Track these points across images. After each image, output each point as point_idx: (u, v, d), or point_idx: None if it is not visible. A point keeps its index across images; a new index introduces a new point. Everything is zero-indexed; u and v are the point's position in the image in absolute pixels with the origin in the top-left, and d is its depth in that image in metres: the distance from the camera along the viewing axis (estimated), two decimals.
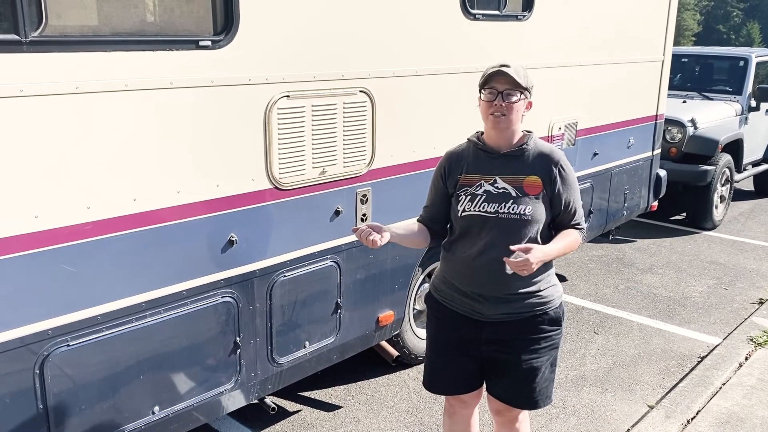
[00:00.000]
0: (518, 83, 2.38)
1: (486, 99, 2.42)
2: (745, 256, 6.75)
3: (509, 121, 2.41)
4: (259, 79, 2.83)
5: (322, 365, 3.52)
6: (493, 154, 2.49)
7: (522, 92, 2.40)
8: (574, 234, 2.51)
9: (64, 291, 2.40)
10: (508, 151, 2.48)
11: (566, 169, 2.49)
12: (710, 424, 3.71)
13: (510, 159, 2.47)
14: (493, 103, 2.40)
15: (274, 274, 3.09)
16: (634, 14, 5.30)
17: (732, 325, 5.08)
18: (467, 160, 2.53)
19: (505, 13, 4.03)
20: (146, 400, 2.73)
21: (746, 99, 8.05)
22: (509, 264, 2.27)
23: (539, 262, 2.30)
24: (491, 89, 2.40)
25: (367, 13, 3.22)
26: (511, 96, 2.38)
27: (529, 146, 2.48)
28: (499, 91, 2.38)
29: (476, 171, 2.50)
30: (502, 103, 2.38)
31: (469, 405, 2.76)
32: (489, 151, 2.50)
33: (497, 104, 2.39)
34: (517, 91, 2.39)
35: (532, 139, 2.51)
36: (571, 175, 2.51)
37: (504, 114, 2.40)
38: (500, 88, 2.38)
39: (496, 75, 2.39)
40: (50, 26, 2.25)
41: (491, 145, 2.50)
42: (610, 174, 5.40)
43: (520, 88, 2.39)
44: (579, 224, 2.53)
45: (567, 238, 2.48)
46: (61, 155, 2.31)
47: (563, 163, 2.49)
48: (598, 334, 4.91)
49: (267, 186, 2.97)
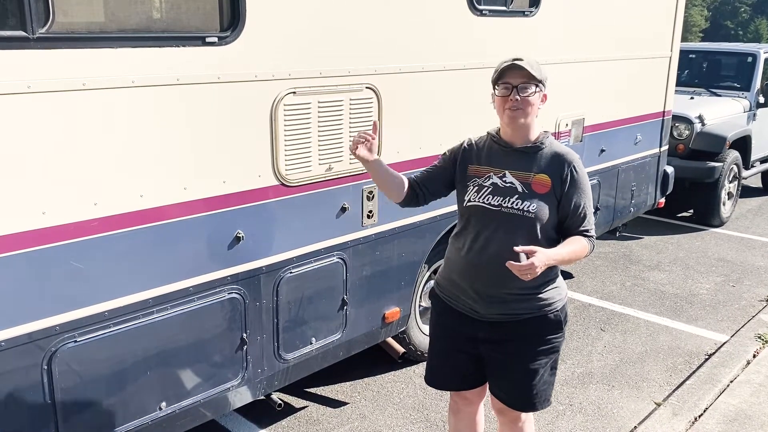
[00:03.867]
0: (533, 76, 2.34)
1: (501, 94, 2.39)
2: (752, 253, 6.72)
3: (525, 114, 2.38)
4: (265, 76, 2.83)
5: (329, 362, 3.52)
6: (507, 149, 2.47)
7: (537, 85, 2.37)
8: (582, 241, 2.42)
9: (71, 287, 2.40)
10: (522, 147, 2.45)
11: (579, 171, 2.44)
12: (718, 421, 3.69)
13: (523, 155, 2.45)
14: (508, 98, 2.36)
15: (281, 271, 3.09)
16: (642, 10, 5.27)
17: (740, 323, 5.06)
18: (482, 152, 2.52)
19: (512, 8, 4.01)
20: (153, 396, 2.74)
21: (754, 95, 8.00)
22: (512, 267, 2.20)
23: (544, 266, 2.23)
24: (506, 84, 2.37)
25: (373, 9, 3.22)
26: (526, 89, 2.35)
27: (544, 144, 2.46)
28: (514, 85, 2.35)
29: (488, 163, 2.48)
30: (518, 96, 2.35)
31: (472, 402, 2.76)
32: (503, 145, 2.48)
33: (512, 99, 2.36)
34: (532, 84, 2.36)
35: (549, 138, 2.49)
36: (583, 179, 2.45)
37: (520, 108, 2.36)
38: (515, 82, 2.35)
39: (510, 69, 2.36)
40: (57, 23, 2.25)
41: (506, 140, 2.48)
42: (617, 171, 5.38)
43: (534, 80, 2.36)
44: (588, 231, 2.44)
45: (574, 245, 2.39)
46: (68, 152, 2.31)
47: (576, 165, 2.44)
48: (604, 331, 4.90)
49: (273, 182, 2.97)
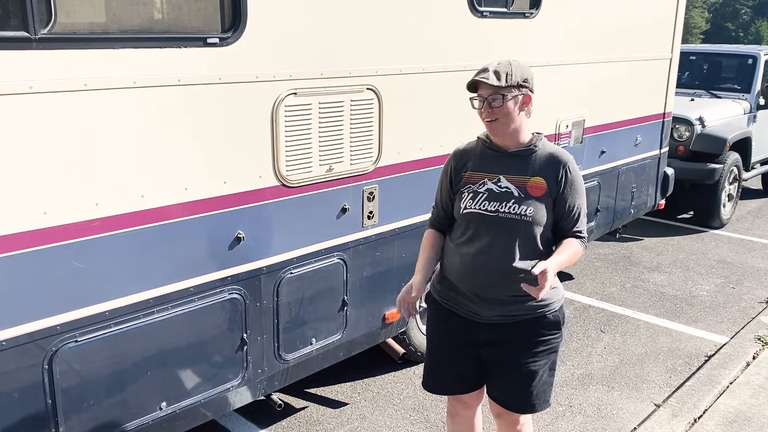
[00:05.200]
0: (500, 87, 2.33)
1: (476, 107, 2.43)
2: (752, 255, 6.72)
3: (502, 124, 2.39)
4: (266, 77, 2.84)
5: (329, 362, 3.52)
6: (501, 153, 2.47)
7: (507, 93, 2.35)
8: (576, 244, 2.44)
9: (72, 287, 2.41)
10: (515, 151, 2.46)
11: (572, 172, 2.44)
12: (717, 423, 3.70)
13: (516, 159, 2.45)
14: (481, 110, 2.40)
15: (281, 271, 3.10)
16: (642, 12, 5.27)
17: (739, 324, 5.06)
18: (473, 158, 2.52)
19: (512, 10, 4.01)
20: (153, 396, 2.74)
21: (755, 97, 8.00)
22: (530, 291, 2.27)
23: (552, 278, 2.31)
24: (478, 97, 2.40)
25: (374, 10, 3.22)
26: (496, 101, 2.35)
27: (537, 147, 2.46)
28: (485, 97, 2.37)
29: (481, 169, 2.48)
30: (489, 109, 2.37)
31: (470, 406, 2.75)
32: (496, 149, 2.48)
33: (484, 111, 2.38)
34: (500, 94, 2.35)
35: (541, 140, 2.49)
36: (577, 179, 2.46)
37: (496, 118, 2.38)
38: (485, 94, 2.37)
39: (478, 82, 2.37)
40: (59, 23, 2.26)
41: (499, 145, 2.48)
42: (617, 172, 5.38)
43: (503, 91, 2.34)
44: (580, 232, 2.46)
45: (570, 248, 2.42)
46: (70, 152, 2.32)
47: (570, 166, 2.45)
48: (604, 332, 4.90)
49: (274, 183, 2.98)
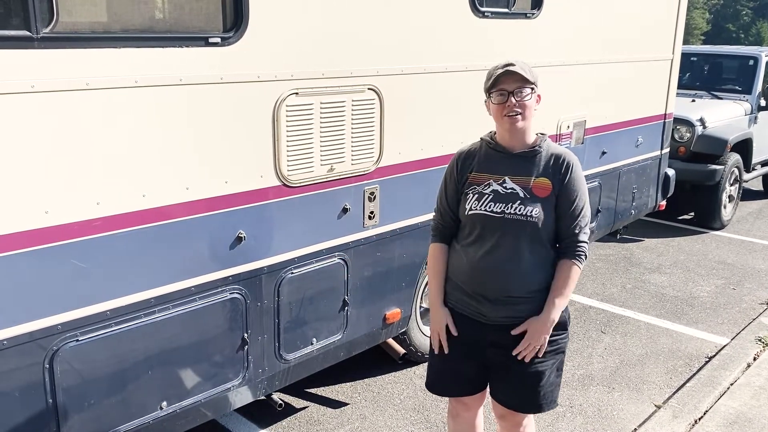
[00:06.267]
0: (527, 79, 2.36)
1: (497, 102, 2.39)
2: (753, 256, 6.72)
3: (524, 117, 2.39)
4: (267, 77, 2.84)
5: (329, 362, 3.52)
6: (506, 154, 2.46)
7: (531, 87, 2.38)
8: (572, 268, 2.43)
9: (73, 286, 2.41)
10: (520, 152, 2.45)
11: (576, 173, 2.44)
12: (718, 424, 3.69)
13: (521, 160, 2.45)
14: (505, 105, 2.37)
15: (282, 271, 3.10)
16: (644, 13, 5.27)
17: (740, 325, 5.06)
18: (478, 159, 2.51)
19: (514, 11, 4.02)
20: (154, 396, 2.74)
21: (756, 98, 8.00)
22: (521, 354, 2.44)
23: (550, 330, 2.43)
24: (500, 91, 2.37)
25: (376, 10, 3.22)
26: (522, 93, 2.36)
27: (542, 148, 2.46)
28: (510, 91, 2.36)
29: (486, 170, 2.47)
30: (515, 100, 2.36)
31: (471, 408, 2.74)
32: (501, 150, 2.47)
33: (509, 104, 2.36)
34: (527, 87, 2.37)
35: (546, 141, 2.49)
36: (579, 180, 2.45)
37: (519, 112, 2.37)
38: (510, 87, 2.36)
39: (503, 75, 2.36)
40: (61, 23, 2.26)
41: (504, 145, 2.47)
42: (618, 173, 5.39)
43: (529, 84, 2.37)
44: (580, 237, 2.43)
45: (567, 278, 2.42)
46: (71, 151, 2.32)
47: (575, 166, 2.44)
48: (605, 333, 4.90)
49: (275, 183, 2.98)
